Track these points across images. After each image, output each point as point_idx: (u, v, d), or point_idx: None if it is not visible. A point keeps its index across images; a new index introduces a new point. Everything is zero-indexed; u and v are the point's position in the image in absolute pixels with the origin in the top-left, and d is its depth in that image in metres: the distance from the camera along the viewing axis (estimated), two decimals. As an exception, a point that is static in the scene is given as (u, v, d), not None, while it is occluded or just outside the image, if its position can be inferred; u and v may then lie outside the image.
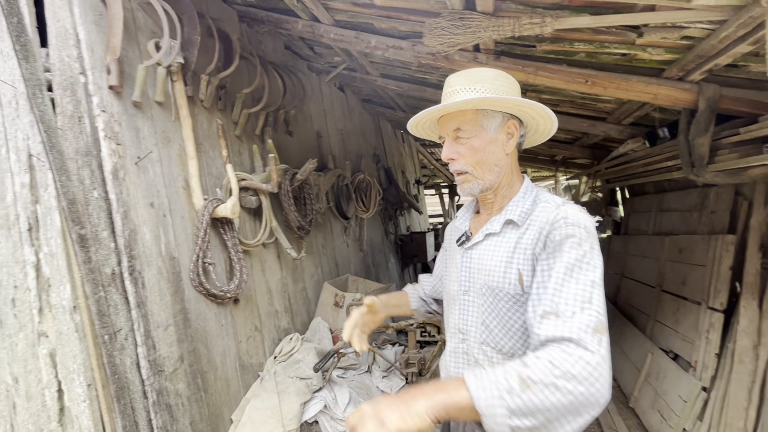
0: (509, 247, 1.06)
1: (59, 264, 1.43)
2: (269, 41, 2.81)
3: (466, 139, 1.08)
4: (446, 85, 1.12)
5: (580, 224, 0.96)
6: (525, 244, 1.03)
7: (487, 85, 1.06)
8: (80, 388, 1.42)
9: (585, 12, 1.62)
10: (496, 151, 1.09)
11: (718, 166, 2.02)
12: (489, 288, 1.07)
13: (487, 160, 1.09)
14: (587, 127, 3.16)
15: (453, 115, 1.10)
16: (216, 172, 2.05)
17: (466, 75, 1.09)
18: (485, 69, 1.11)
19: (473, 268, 1.13)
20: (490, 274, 1.07)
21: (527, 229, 1.05)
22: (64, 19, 1.48)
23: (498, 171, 1.10)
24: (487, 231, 1.12)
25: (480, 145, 1.08)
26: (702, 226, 2.88)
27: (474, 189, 1.11)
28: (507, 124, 1.09)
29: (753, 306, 2.30)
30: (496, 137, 1.09)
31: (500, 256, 1.07)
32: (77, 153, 1.44)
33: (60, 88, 1.46)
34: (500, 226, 1.09)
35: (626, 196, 4.73)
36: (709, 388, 2.44)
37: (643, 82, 1.97)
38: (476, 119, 1.08)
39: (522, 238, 1.04)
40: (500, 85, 1.08)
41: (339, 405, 1.98)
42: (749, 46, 1.51)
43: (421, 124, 1.20)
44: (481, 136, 1.08)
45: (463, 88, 1.07)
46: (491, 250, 1.10)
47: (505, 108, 1.08)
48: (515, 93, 1.10)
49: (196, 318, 1.78)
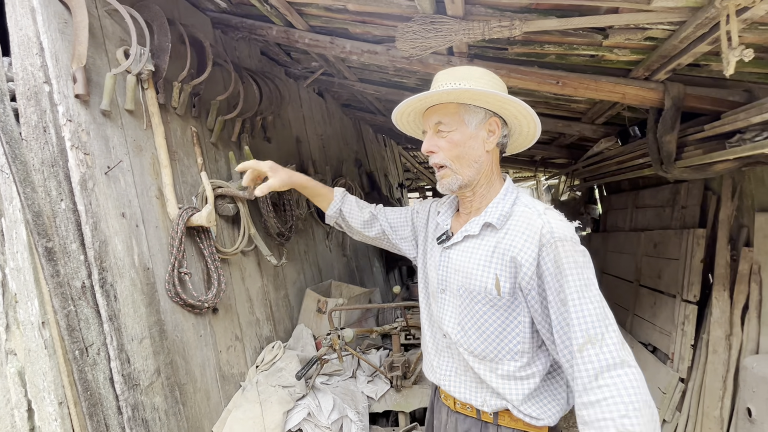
0: (487, 250, 1.06)
1: (26, 279, 1.39)
2: (245, 47, 2.80)
3: (447, 133, 1.08)
4: (434, 81, 1.13)
5: (567, 238, 0.97)
6: (504, 249, 1.03)
7: (473, 81, 1.06)
8: (51, 407, 1.37)
9: (552, 15, 1.66)
10: (476, 147, 1.09)
11: (685, 162, 2.08)
12: (465, 290, 1.08)
13: (467, 155, 1.08)
14: (562, 127, 3.23)
15: (436, 109, 1.10)
16: (191, 180, 2.02)
17: (452, 72, 1.10)
18: (473, 67, 1.11)
19: (450, 268, 1.13)
20: (468, 277, 1.08)
21: (506, 233, 1.04)
22: (27, 27, 1.44)
23: (477, 167, 1.09)
24: (465, 232, 1.11)
25: (460, 140, 1.07)
26: (675, 221, 2.96)
27: (452, 184, 1.11)
28: (489, 121, 1.09)
29: (724, 297, 2.37)
30: (476, 133, 1.08)
31: (478, 259, 1.07)
32: (43, 164, 1.40)
33: (23, 97, 1.42)
34: (479, 228, 1.09)
35: (604, 194, 4.84)
36: (686, 378, 2.50)
37: (612, 82, 2.02)
38: (458, 113, 1.08)
39: (501, 242, 1.04)
40: (485, 82, 1.08)
41: (323, 412, 1.96)
42: (708, 45, 1.57)
43: (405, 117, 1.20)
44: (461, 130, 1.08)
45: (449, 82, 1.07)
46: (469, 252, 1.10)
47: (486, 103, 1.07)
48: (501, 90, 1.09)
49: (173, 329, 1.75)
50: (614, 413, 0.82)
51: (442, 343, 1.17)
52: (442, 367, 1.17)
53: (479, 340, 1.07)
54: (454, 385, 1.15)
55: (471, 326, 1.08)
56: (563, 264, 0.94)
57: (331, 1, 1.93)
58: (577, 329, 0.90)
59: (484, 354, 1.06)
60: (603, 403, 0.84)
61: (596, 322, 0.90)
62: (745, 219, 2.41)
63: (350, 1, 1.89)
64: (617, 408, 0.82)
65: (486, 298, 1.04)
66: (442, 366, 1.17)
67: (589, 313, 0.90)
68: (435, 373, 1.20)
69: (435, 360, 1.19)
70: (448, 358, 1.16)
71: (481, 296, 1.05)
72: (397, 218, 1.42)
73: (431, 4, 1.75)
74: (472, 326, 1.08)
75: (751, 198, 2.36)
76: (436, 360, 1.19)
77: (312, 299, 2.69)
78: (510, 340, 1.04)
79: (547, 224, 0.99)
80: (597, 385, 0.86)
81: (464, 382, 1.13)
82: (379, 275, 4.90)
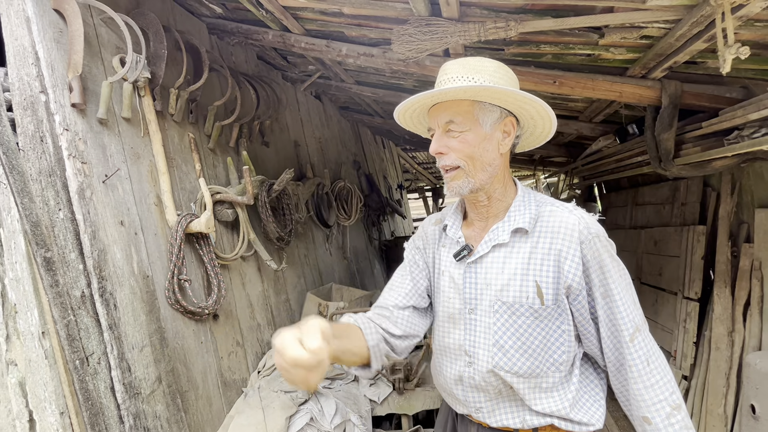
0: (522, 258, 0.98)
1: (25, 289, 1.39)
2: (241, 52, 2.80)
3: (459, 133, 0.97)
4: (441, 72, 1.01)
5: (602, 233, 0.98)
6: (542, 254, 0.97)
7: (487, 76, 0.96)
8: (52, 417, 1.37)
9: (547, 15, 1.66)
10: (490, 149, 0.99)
11: (683, 159, 2.08)
12: (504, 304, 0.99)
13: (481, 158, 0.98)
14: (560, 126, 3.23)
15: (446, 105, 0.98)
16: (189, 186, 2.01)
17: (464, 63, 0.98)
18: (486, 59, 0.99)
19: (480, 283, 1.02)
20: (504, 289, 0.99)
21: (539, 236, 0.98)
22: (22, 37, 1.44)
23: (491, 171, 1.00)
24: (494, 242, 1.01)
25: (474, 140, 0.97)
26: (674, 219, 2.96)
27: (463, 188, 0.99)
28: (504, 121, 1.00)
29: (726, 293, 2.37)
30: (491, 134, 0.98)
31: (513, 268, 0.99)
32: (40, 174, 1.40)
33: (20, 107, 1.42)
34: (508, 235, 1.00)
35: (603, 192, 4.83)
36: (690, 376, 2.50)
37: (609, 81, 2.02)
38: (472, 112, 0.97)
39: (537, 247, 0.98)
40: (501, 77, 0.98)
41: (326, 416, 1.96)
42: (704, 43, 1.56)
43: (409, 114, 1.07)
44: (475, 130, 0.97)
45: (461, 76, 0.96)
46: (501, 263, 1.00)
47: (505, 103, 0.98)
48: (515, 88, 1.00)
49: (174, 337, 1.74)
50: (666, 393, 0.95)
51: (466, 374, 1.04)
52: (470, 400, 1.06)
53: (523, 357, 0.98)
54: (488, 414, 1.05)
55: (512, 344, 0.98)
56: (604, 259, 0.96)
57: (327, 5, 1.93)
58: (627, 320, 0.96)
59: (528, 371, 0.98)
60: (656, 386, 0.95)
61: (637, 311, 0.98)
62: (745, 215, 2.41)
63: (346, 5, 1.88)
64: (667, 387, 0.95)
65: (529, 311, 0.97)
66: (470, 399, 1.06)
67: (632, 303, 0.97)
68: (463, 406, 1.09)
69: (460, 393, 1.06)
70: (473, 390, 1.04)
71: (524, 309, 0.97)
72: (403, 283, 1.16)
73: (426, 6, 1.75)
74: (513, 344, 0.98)
75: (750, 194, 2.36)
76: (461, 393, 1.06)
77: (313, 303, 2.68)
78: (554, 351, 0.99)
79: (582, 220, 0.97)
80: (650, 370, 0.95)
81: (499, 407, 1.04)
82: (380, 277, 4.90)
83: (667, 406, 0.94)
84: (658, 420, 0.94)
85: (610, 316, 0.97)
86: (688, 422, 0.95)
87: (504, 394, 1.03)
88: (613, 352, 0.99)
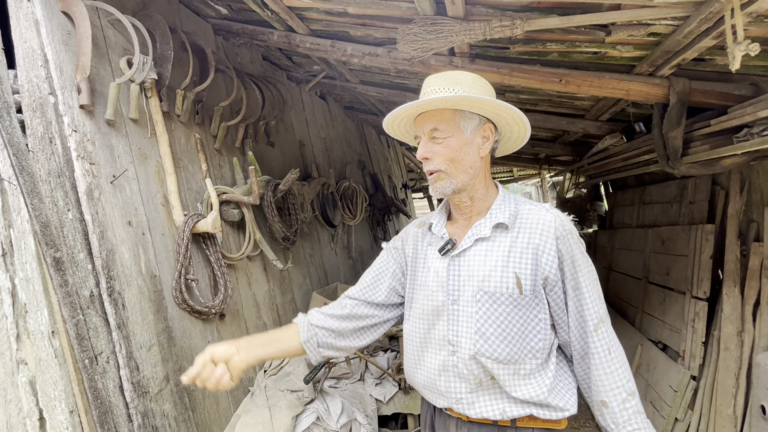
0: (503, 250, 1.07)
1: (35, 289, 1.40)
2: (246, 53, 2.81)
3: (443, 139, 1.08)
4: (425, 85, 1.12)
5: (574, 231, 1.09)
6: (521, 247, 1.06)
7: (466, 87, 1.07)
8: (62, 416, 1.38)
9: (553, 13, 1.65)
10: (471, 153, 1.10)
11: (692, 157, 2.06)
12: (485, 293, 1.06)
13: (462, 161, 1.09)
14: (566, 124, 3.21)
15: (430, 115, 1.10)
16: (196, 186, 2.03)
17: (445, 76, 1.10)
18: (464, 72, 1.11)
19: (462, 275, 1.10)
20: (486, 280, 1.07)
21: (519, 231, 1.08)
22: (31, 39, 1.46)
23: (472, 173, 1.10)
24: (477, 236, 1.10)
25: (456, 145, 1.08)
26: (682, 217, 2.93)
27: (446, 188, 1.10)
28: (483, 127, 1.11)
29: (735, 293, 2.34)
30: (472, 139, 1.09)
31: (494, 260, 1.07)
32: (49, 174, 1.42)
33: (29, 109, 1.44)
34: (489, 229, 1.09)
35: (609, 191, 4.80)
36: (698, 376, 2.47)
37: (615, 78, 2.01)
38: (453, 119, 1.08)
39: (516, 241, 1.07)
40: (478, 88, 1.09)
41: (332, 416, 1.96)
42: (713, 40, 1.55)
43: (397, 123, 1.18)
44: (457, 136, 1.08)
45: (442, 88, 1.07)
46: (483, 255, 1.09)
47: (483, 110, 1.09)
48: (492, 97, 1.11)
49: (181, 336, 1.75)
50: (623, 380, 1.05)
51: (450, 362, 1.11)
52: (452, 390, 1.11)
53: (503, 344, 1.05)
54: (468, 404, 1.10)
55: (493, 331, 1.06)
56: (576, 255, 1.06)
57: (332, 5, 1.93)
58: (592, 312, 1.06)
59: (508, 357, 1.05)
60: (615, 373, 1.04)
61: (601, 305, 1.07)
62: (754, 214, 2.38)
63: (350, 5, 1.89)
64: (624, 375, 1.05)
65: (509, 299, 1.05)
66: (452, 389, 1.11)
67: (597, 297, 1.07)
68: (443, 398, 1.13)
69: (443, 384, 1.12)
70: (455, 378, 1.10)
71: (504, 297, 1.05)
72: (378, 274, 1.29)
73: (431, 5, 1.74)
74: (494, 331, 1.06)
75: (760, 192, 2.33)
76: (443, 384, 1.12)
77: (318, 302, 2.69)
78: (531, 339, 1.07)
79: (557, 218, 1.07)
80: (610, 359, 1.05)
81: (480, 398, 1.09)
82: (385, 277, 4.88)
83: (623, 392, 1.04)
84: (614, 404, 1.04)
85: (578, 307, 1.07)
86: (640, 407, 1.05)
87: (484, 384, 1.09)
88: (579, 341, 1.08)
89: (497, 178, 9.08)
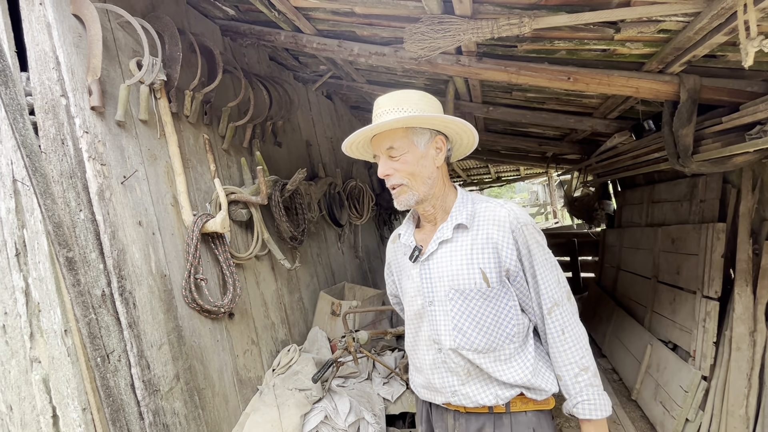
0: (465, 249, 1.15)
1: (48, 288, 1.42)
2: (253, 53, 2.82)
3: (399, 155, 1.16)
4: (375, 107, 1.20)
5: (529, 222, 1.16)
6: (481, 243, 1.14)
7: (413, 105, 1.15)
8: (75, 413, 1.40)
9: (562, 11, 1.64)
10: (427, 165, 1.18)
11: (703, 155, 2.03)
12: (456, 291, 1.15)
13: (421, 173, 1.17)
14: (574, 123, 3.18)
15: (385, 135, 1.17)
16: (205, 187, 2.04)
17: (392, 97, 1.18)
18: (410, 91, 1.20)
19: (434, 277, 1.18)
20: (454, 278, 1.15)
21: (477, 229, 1.16)
22: (43, 42, 1.48)
23: (431, 183, 1.18)
24: (439, 239, 1.18)
25: (412, 160, 1.16)
26: (693, 216, 2.90)
27: (410, 200, 1.18)
28: (435, 139, 1.19)
29: (747, 292, 2.31)
30: (426, 152, 1.17)
31: (459, 259, 1.15)
32: (62, 175, 1.44)
33: (42, 111, 1.46)
34: (451, 231, 1.17)
35: (618, 189, 4.76)
36: (709, 376, 2.44)
37: (624, 76, 1.99)
38: (407, 136, 1.16)
39: (476, 238, 1.15)
40: (425, 104, 1.17)
41: (340, 415, 1.97)
42: (725, 36, 1.52)
43: (355, 145, 1.25)
44: (412, 151, 1.16)
45: (391, 108, 1.15)
46: (448, 256, 1.17)
47: (432, 125, 1.17)
48: (438, 112, 1.19)
49: (191, 335, 1.77)
50: (576, 357, 1.13)
51: (439, 359, 1.19)
52: (446, 385, 1.18)
53: (480, 335, 1.14)
54: (462, 395, 1.17)
55: (468, 324, 1.14)
56: (531, 244, 1.14)
57: (338, 4, 1.94)
58: (547, 297, 1.14)
59: (486, 347, 1.14)
60: (568, 351, 1.13)
61: (559, 289, 1.15)
62: (766, 212, 2.35)
63: (357, 4, 1.89)
64: (577, 352, 1.13)
65: (478, 293, 1.13)
66: (446, 383, 1.18)
67: (554, 282, 1.15)
68: (440, 394, 1.21)
69: (437, 380, 1.19)
70: (447, 373, 1.18)
71: (474, 292, 1.13)
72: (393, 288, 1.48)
73: (439, 4, 1.74)
74: (469, 324, 1.14)
75: (772, 190, 2.30)
76: (438, 380, 1.19)
77: (326, 302, 2.70)
78: (505, 325, 1.15)
79: (511, 212, 1.15)
80: (564, 339, 1.13)
81: (471, 388, 1.16)
82: (392, 276, 4.89)
83: (575, 367, 1.12)
84: (567, 378, 1.13)
85: (536, 293, 1.15)
86: (594, 381, 1.12)
87: (473, 374, 1.17)
88: (540, 323, 1.17)
89: (504, 177, 9.04)
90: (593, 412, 1.10)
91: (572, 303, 1.17)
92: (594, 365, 1.14)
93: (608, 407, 1.11)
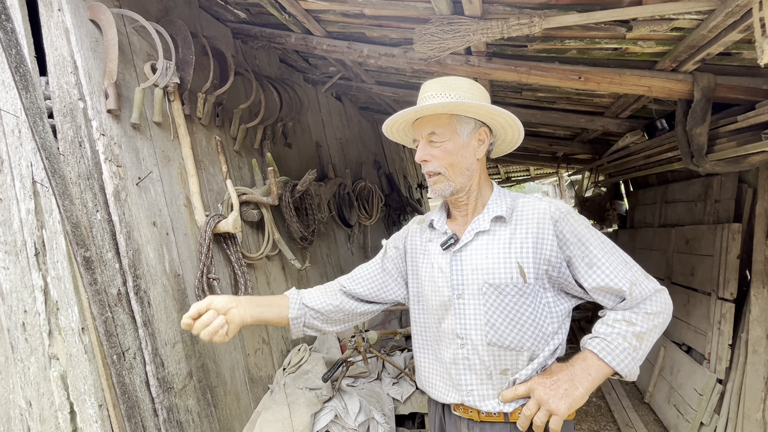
0: (503, 242, 1.11)
1: (66, 287, 1.46)
2: (264, 56, 2.85)
3: (440, 143, 1.12)
4: (422, 90, 1.16)
5: (572, 211, 1.11)
6: (521, 237, 1.09)
7: (462, 92, 1.11)
8: (92, 409, 1.43)
9: (573, 10, 1.63)
10: (467, 155, 1.14)
11: (717, 155, 2.00)
12: (491, 286, 1.09)
13: (459, 164, 1.13)
14: (585, 122, 3.16)
15: (428, 119, 1.13)
16: (217, 188, 2.07)
17: (441, 82, 1.14)
18: (460, 78, 1.16)
19: (465, 269, 1.13)
20: (490, 272, 1.10)
21: (517, 223, 1.12)
22: (62, 47, 1.52)
23: (469, 175, 1.15)
24: (477, 229, 1.14)
25: (453, 149, 1.12)
26: (707, 216, 2.85)
27: (445, 190, 1.15)
28: (479, 130, 1.15)
29: (764, 294, 2.27)
30: (468, 142, 1.14)
31: (496, 252, 1.10)
32: (79, 177, 1.47)
33: (60, 114, 1.50)
34: (488, 223, 1.13)
35: (630, 189, 4.70)
36: (725, 380, 2.40)
37: (637, 75, 1.97)
38: (450, 124, 1.12)
39: (515, 232, 1.10)
40: (474, 93, 1.13)
41: (350, 414, 1.98)
42: (739, 33, 1.50)
43: (396, 127, 1.22)
44: (454, 140, 1.12)
45: (439, 93, 1.11)
46: (484, 248, 1.12)
47: (478, 115, 1.13)
48: (486, 102, 1.15)
49: (204, 333, 1.79)
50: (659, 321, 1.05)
51: (460, 355, 1.13)
52: (462, 382, 1.14)
53: (515, 332, 1.08)
54: (479, 397, 1.12)
55: (503, 321, 1.09)
56: (580, 231, 1.07)
57: (349, 6, 1.95)
58: (618, 281, 1.05)
59: (518, 344, 1.08)
60: (629, 317, 1.05)
61: (628, 270, 1.06)
62: (784, 212, 2.30)
63: (367, 6, 1.90)
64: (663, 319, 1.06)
65: (515, 289, 1.08)
66: (463, 381, 1.13)
67: (621, 263, 1.06)
68: (456, 391, 1.16)
69: (454, 375, 1.15)
70: (467, 371, 1.13)
71: (509, 288, 1.08)
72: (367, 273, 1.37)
73: (448, 5, 1.74)
74: (503, 320, 1.09)
75: (790, 190, 2.25)
76: (456, 375, 1.14)
77: (336, 302, 2.71)
78: (542, 322, 1.09)
79: (551, 204, 1.11)
80: (633, 310, 1.06)
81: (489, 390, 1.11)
82: (401, 276, 4.89)
83: (622, 320, 1.06)
84: (603, 319, 1.09)
85: (600, 284, 1.06)
86: (632, 340, 1.04)
87: (494, 377, 1.12)
88: (617, 303, 1.09)
89: (513, 177, 8.98)
90: (604, 353, 1.02)
91: (653, 281, 1.08)
92: (648, 336, 1.04)
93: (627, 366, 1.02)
